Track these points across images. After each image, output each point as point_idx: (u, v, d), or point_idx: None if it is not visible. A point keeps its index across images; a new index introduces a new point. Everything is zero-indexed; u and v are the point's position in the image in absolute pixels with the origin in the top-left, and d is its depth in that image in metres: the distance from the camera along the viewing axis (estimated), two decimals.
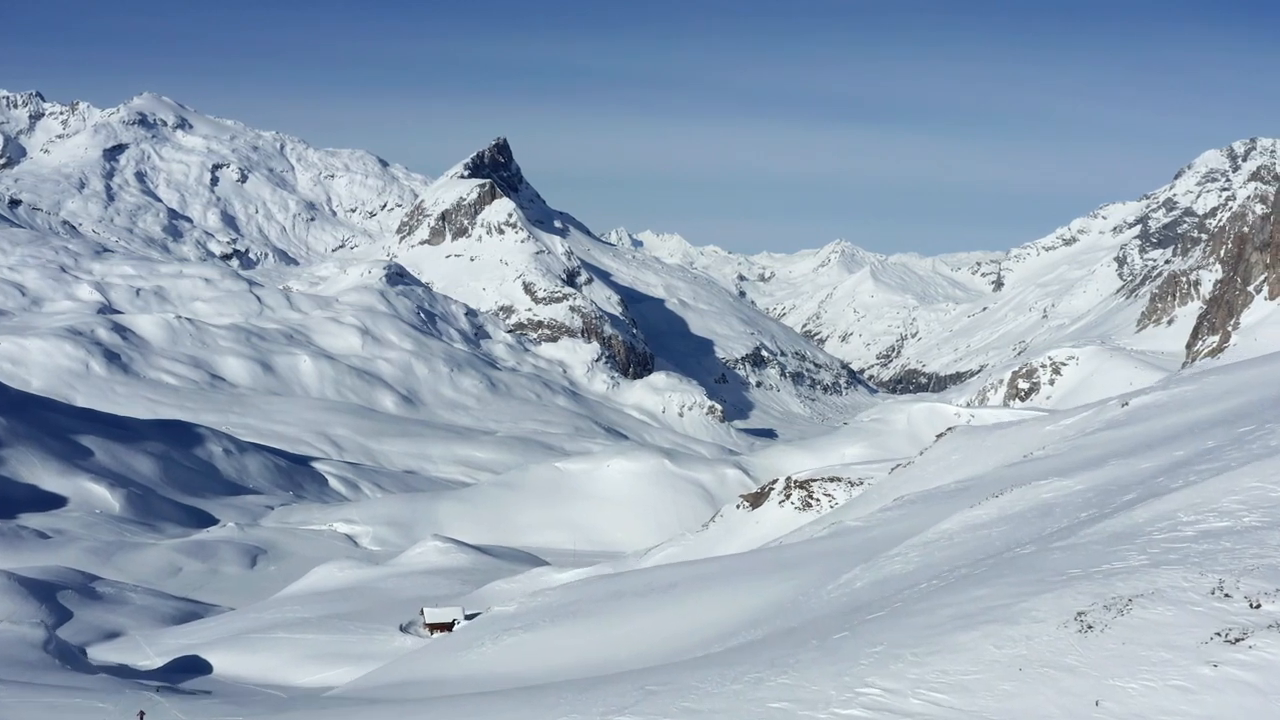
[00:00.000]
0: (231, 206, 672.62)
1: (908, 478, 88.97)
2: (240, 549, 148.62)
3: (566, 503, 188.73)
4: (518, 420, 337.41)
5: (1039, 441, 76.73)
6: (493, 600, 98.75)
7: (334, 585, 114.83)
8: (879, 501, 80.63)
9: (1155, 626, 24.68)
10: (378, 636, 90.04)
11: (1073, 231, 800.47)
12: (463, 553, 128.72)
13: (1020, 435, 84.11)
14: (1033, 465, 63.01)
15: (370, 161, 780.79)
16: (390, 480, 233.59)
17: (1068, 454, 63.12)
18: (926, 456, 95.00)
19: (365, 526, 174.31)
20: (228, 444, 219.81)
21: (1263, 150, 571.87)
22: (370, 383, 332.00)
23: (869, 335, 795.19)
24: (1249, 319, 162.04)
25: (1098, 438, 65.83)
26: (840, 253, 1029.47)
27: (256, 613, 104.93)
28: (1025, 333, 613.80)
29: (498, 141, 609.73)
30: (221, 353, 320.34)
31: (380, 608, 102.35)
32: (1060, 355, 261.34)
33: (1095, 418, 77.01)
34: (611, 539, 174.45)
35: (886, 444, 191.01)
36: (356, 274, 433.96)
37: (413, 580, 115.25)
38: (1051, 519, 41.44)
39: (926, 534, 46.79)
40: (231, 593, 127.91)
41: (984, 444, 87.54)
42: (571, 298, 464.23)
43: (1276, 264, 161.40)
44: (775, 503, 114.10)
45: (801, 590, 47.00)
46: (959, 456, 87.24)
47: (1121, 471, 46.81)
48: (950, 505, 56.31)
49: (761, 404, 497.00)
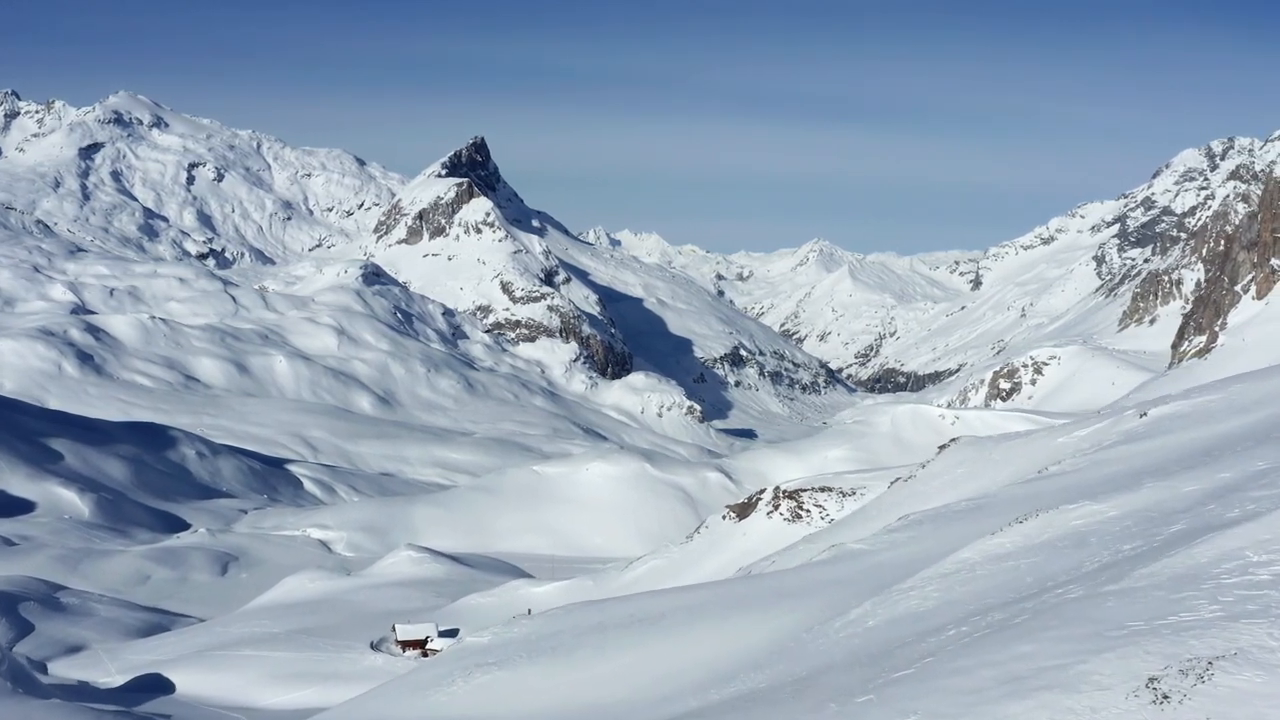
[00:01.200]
0: (207, 206, 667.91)
1: (909, 493, 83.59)
2: (211, 556, 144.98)
3: (545, 507, 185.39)
4: (495, 421, 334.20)
5: (1051, 455, 72.04)
6: (468, 615, 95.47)
7: (304, 597, 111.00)
8: (880, 519, 75.82)
9: (1244, 697, 20.92)
10: (347, 654, 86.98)
11: (1051, 231, 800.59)
12: (437, 563, 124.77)
13: (1030, 448, 79.18)
14: (1050, 483, 58.73)
15: (347, 160, 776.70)
16: (366, 483, 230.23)
17: (1087, 470, 58.83)
18: (929, 470, 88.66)
19: (339, 532, 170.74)
20: (201, 447, 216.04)
21: (1241, 149, 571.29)
22: (346, 384, 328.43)
23: (847, 334, 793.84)
24: (1236, 319, 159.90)
25: (1117, 452, 61.71)
26: (818, 252, 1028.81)
27: (223, 626, 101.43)
28: (1004, 332, 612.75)
29: (475, 140, 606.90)
30: (196, 353, 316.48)
31: (351, 622, 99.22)
32: (1042, 355, 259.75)
33: (1111, 429, 72.44)
34: (591, 545, 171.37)
35: (870, 446, 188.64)
36: (332, 274, 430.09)
37: (385, 592, 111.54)
38: (1088, 551, 37.70)
39: (943, 564, 42.78)
40: (201, 602, 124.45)
41: (991, 457, 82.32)
42: (549, 297, 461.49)
43: (1264, 263, 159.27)
44: (763, 513, 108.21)
45: (805, 625, 43.39)
46: (964, 470, 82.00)
47: (1161, 495, 42.75)
48: (964, 528, 52.59)
49: (740, 403, 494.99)
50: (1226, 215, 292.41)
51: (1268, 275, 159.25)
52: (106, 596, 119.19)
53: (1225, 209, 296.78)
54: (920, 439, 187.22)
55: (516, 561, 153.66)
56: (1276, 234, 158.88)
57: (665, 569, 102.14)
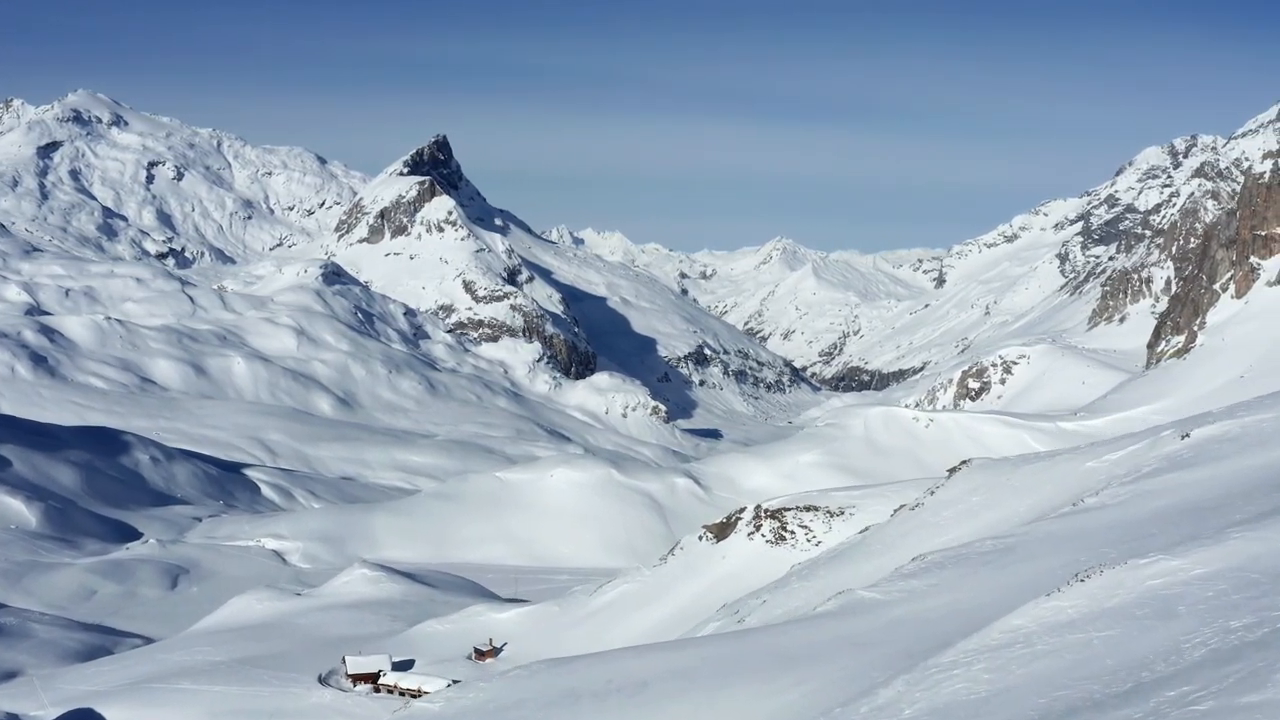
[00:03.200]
0: (167, 205, 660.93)
1: (918, 524, 74.65)
2: (160, 569, 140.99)
3: (508, 516, 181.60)
4: (458, 423, 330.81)
5: (1082, 482, 64.47)
6: (424, 644, 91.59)
7: (251, 619, 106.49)
8: (886, 554, 68.02)
9: None
10: (293, 689, 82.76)
11: (1014, 228, 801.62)
12: (393, 582, 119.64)
13: (1055, 473, 71.16)
14: (1090, 519, 51.38)
15: (308, 159, 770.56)
16: (325, 487, 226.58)
17: (1131, 504, 51.81)
18: (940, 497, 79.30)
19: (295, 542, 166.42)
20: (155, 452, 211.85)
21: (1204, 147, 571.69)
22: (306, 385, 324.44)
23: (811, 333, 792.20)
24: (1215, 318, 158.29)
25: (1162, 481, 54.88)
26: (781, 250, 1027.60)
27: (165, 653, 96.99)
28: (968, 329, 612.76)
29: (437, 139, 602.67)
30: (152, 355, 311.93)
31: (300, 649, 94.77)
32: (1011, 354, 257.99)
33: (1148, 452, 65.04)
34: (557, 555, 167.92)
35: (843, 451, 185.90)
36: (292, 273, 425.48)
37: (337, 615, 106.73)
38: (1180, 626, 30.29)
39: (989, 633, 34.69)
40: (149, 619, 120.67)
41: (1009, 482, 74.09)
42: (513, 296, 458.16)
43: (1243, 261, 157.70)
44: (743, 534, 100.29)
45: (820, 707, 36.72)
46: (981, 499, 73.38)
47: (1254, 548, 35.13)
48: (997, 577, 45.52)
49: (705, 403, 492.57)
50: (1196, 212, 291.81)
51: (1247, 274, 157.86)
52: (47, 616, 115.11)
53: (1194, 206, 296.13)
54: (894, 442, 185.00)
55: (480, 573, 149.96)
56: (1256, 231, 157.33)
57: (637, 594, 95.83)
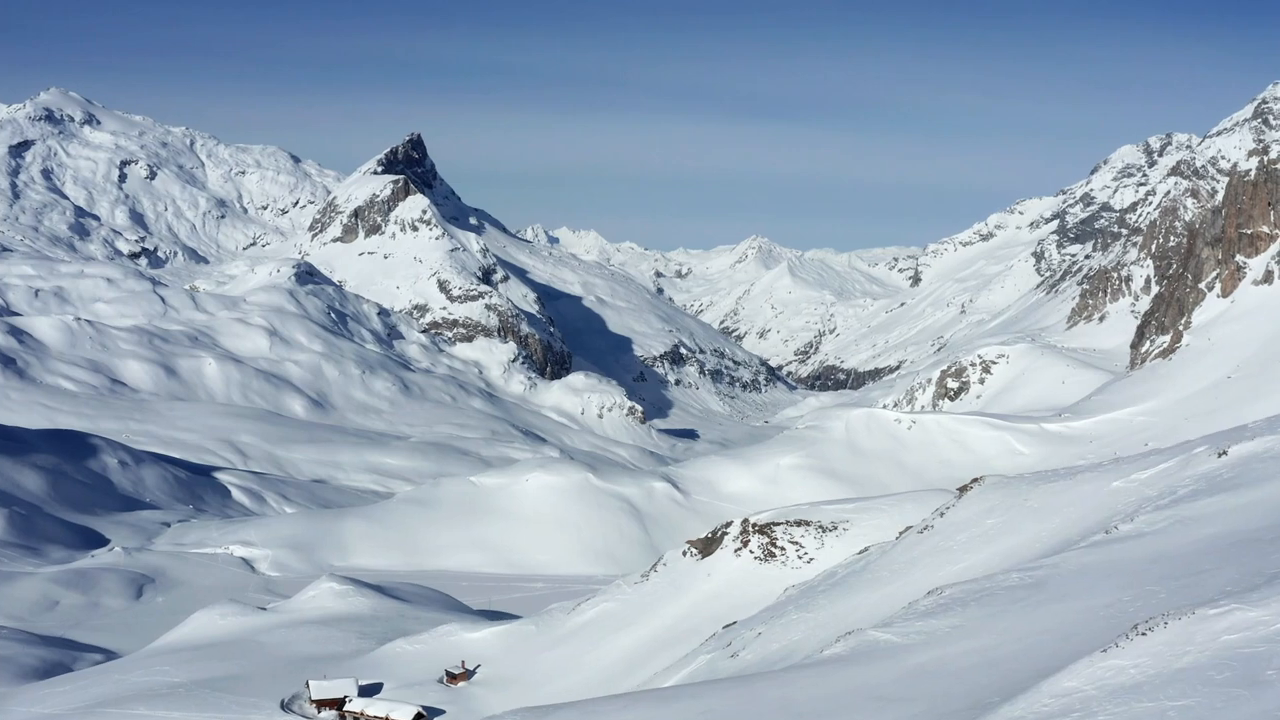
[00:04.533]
0: (140, 204, 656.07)
1: (929, 549, 67.53)
2: (125, 579, 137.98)
3: (483, 522, 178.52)
4: (432, 424, 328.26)
5: (1109, 505, 58.62)
6: (393, 665, 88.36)
7: (213, 637, 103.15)
8: (895, 583, 61.89)
9: None
10: (253, 716, 79.58)
11: (990, 227, 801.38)
12: (362, 596, 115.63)
13: (1077, 493, 64.69)
14: (1127, 549, 45.44)
15: (282, 158, 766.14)
16: (297, 491, 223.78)
17: (1172, 532, 46.15)
18: (951, 519, 72.23)
19: (264, 550, 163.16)
20: (124, 455, 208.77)
21: (1179, 145, 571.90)
22: (278, 386, 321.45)
23: (787, 331, 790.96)
24: (1201, 318, 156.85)
25: (1205, 506, 48.99)
26: (757, 249, 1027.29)
27: (122, 673, 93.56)
28: (944, 328, 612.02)
29: (411, 137, 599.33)
30: (122, 356, 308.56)
31: (262, 671, 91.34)
32: (990, 354, 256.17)
33: (1181, 471, 58.79)
34: (534, 562, 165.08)
35: (823, 453, 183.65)
36: (265, 273, 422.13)
37: (303, 632, 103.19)
38: (1272, 693, 26.42)
39: (1038, 697, 30.04)
40: (112, 630, 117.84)
41: (1027, 503, 67.21)
42: (487, 295, 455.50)
43: (1229, 260, 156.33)
44: (730, 550, 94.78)
45: None
46: (997, 521, 66.39)
47: None
48: (1032, 618, 39.59)
49: (681, 402, 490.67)
50: (1175, 211, 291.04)
51: (1233, 272, 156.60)
52: (6, 629, 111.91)
53: (1174, 205, 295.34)
54: (875, 445, 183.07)
55: (454, 581, 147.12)
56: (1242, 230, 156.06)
57: (617, 613, 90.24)
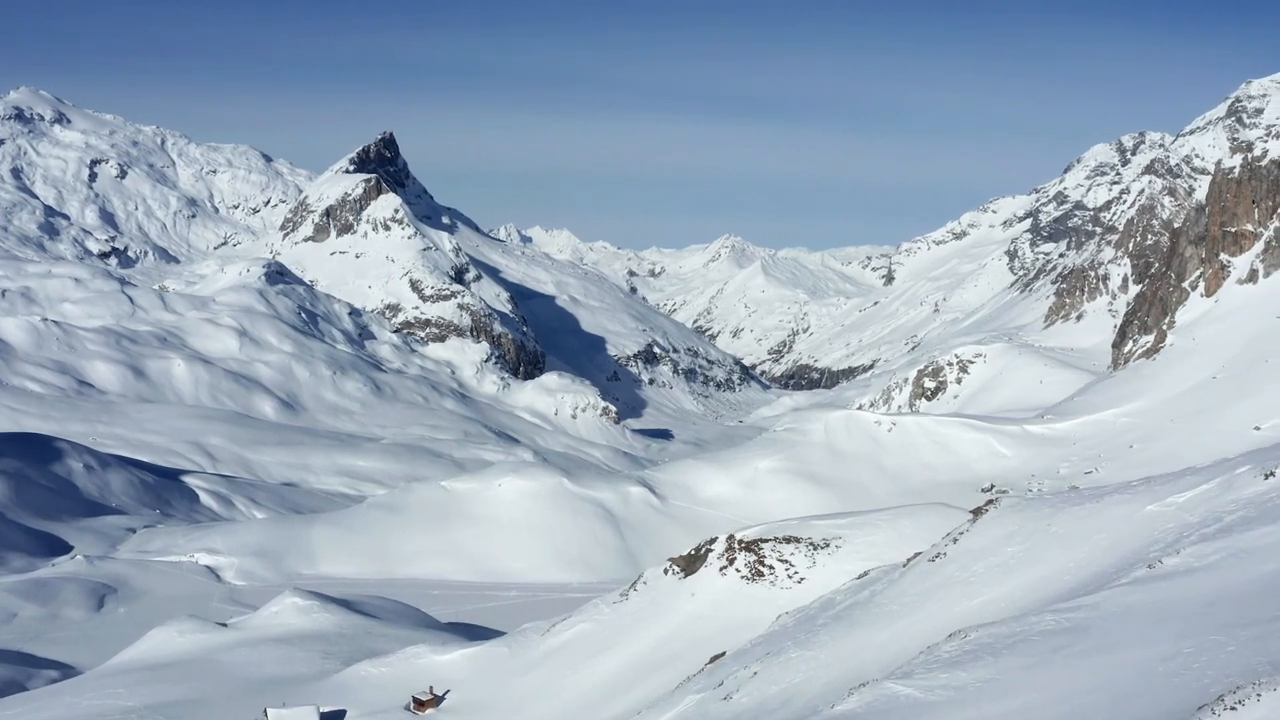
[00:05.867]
0: (110, 203, 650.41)
1: (943, 579, 60.03)
2: (86, 589, 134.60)
3: (455, 528, 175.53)
4: (404, 425, 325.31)
5: (1143, 530, 52.54)
6: (358, 690, 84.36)
7: (170, 656, 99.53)
8: (906, 619, 55.28)
9: None
10: None
11: (963, 225, 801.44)
12: (327, 611, 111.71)
13: (1106, 517, 57.67)
14: (1175, 586, 39.28)
15: (253, 157, 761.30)
16: (267, 494, 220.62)
17: (1226, 566, 40.14)
18: (966, 545, 64.03)
19: (230, 557, 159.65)
20: (89, 459, 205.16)
21: (1152, 144, 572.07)
22: (248, 387, 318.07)
23: (760, 330, 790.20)
24: (1185, 317, 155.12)
25: (1260, 537, 42.87)
26: (730, 248, 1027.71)
27: (74, 694, 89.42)
28: (917, 327, 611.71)
29: (383, 136, 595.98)
30: (90, 357, 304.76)
31: (220, 694, 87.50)
32: (967, 353, 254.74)
33: (1224, 495, 52.27)
34: (507, 570, 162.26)
35: (803, 457, 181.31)
36: (234, 273, 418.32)
37: (264, 651, 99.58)
38: None
39: None
40: (72, 643, 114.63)
41: (1051, 529, 59.66)
42: (460, 295, 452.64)
43: (1212, 258, 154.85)
44: (715, 569, 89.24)
45: None
46: (1019, 550, 59.13)
47: None
48: (1078, 673, 33.74)
49: (655, 402, 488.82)
50: (1153, 209, 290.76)
51: (1217, 271, 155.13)
52: None
53: (1151, 203, 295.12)
54: (855, 447, 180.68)
55: (425, 589, 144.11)
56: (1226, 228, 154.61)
57: (595, 635, 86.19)
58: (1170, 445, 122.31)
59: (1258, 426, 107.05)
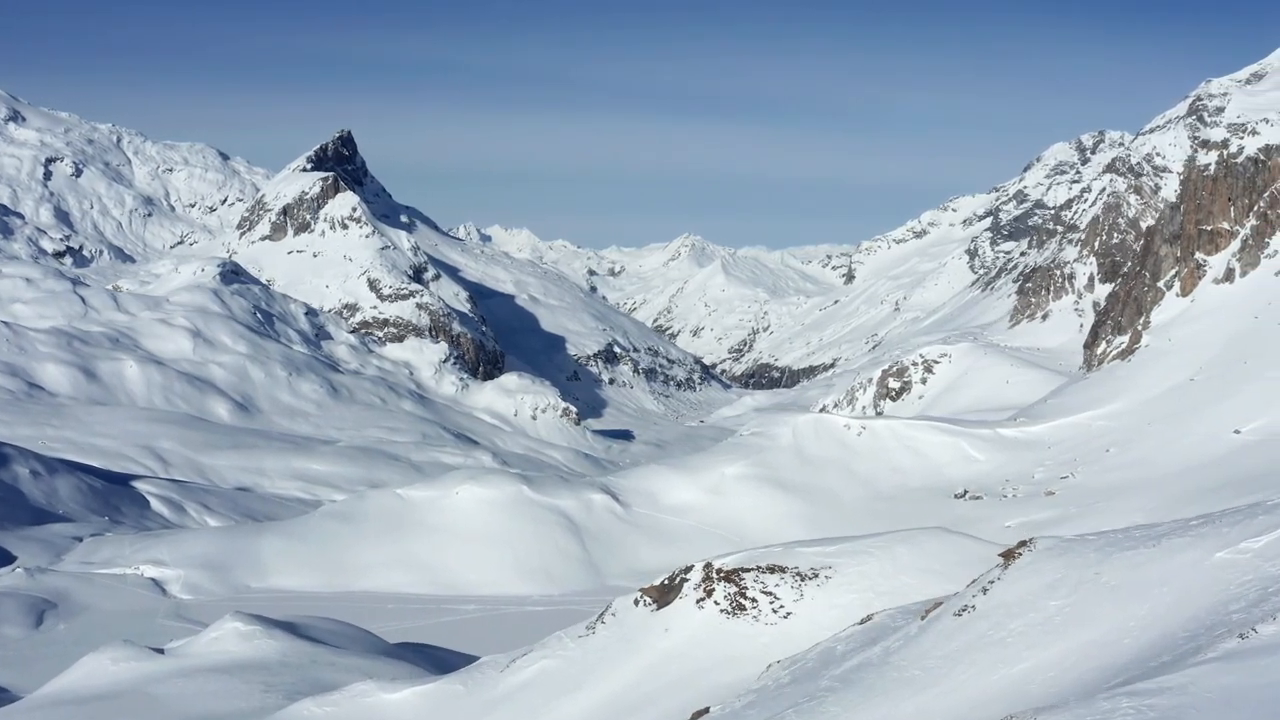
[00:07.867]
0: (65, 202, 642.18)
1: (975, 639, 42.42)
2: (25, 604, 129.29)
3: (411, 538, 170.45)
4: (361, 427, 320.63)
5: (1215, 584, 35.73)
6: None
7: (101, 688, 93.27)
8: (933, 690, 31.46)
9: None
10: None
11: (923, 224, 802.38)
12: (270, 638, 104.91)
13: (1167, 565, 40.24)
14: None
15: (210, 155, 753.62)
16: (220, 500, 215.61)
17: None
18: (999, 597, 45.81)
19: (176, 570, 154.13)
20: (35, 464, 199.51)
21: (1112, 143, 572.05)
22: (202, 389, 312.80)
23: (720, 329, 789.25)
24: (1160, 317, 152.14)
25: None
26: (690, 247, 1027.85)
27: None
28: (877, 326, 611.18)
29: (341, 134, 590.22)
30: (40, 359, 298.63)
31: None
32: (932, 353, 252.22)
33: None
34: (465, 582, 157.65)
35: (770, 462, 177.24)
36: (189, 272, 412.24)
37: (201, 683, 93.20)
38: None
39: None
40: (8, 665, 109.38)
41: (1101, 579, 43.17)
42: (419, 294, 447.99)
43: (1188, 257, 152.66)
44: (691, 601, 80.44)
45: None
46: (1064, 604, 41.95)
47: None
48: None
49: (615, 401, 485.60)
50: (1119, 208, 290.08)
51: (1193, 270, 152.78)
52: None
53: (1116, 201, 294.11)
54: (824, 452, 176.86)
55: (379, 602, 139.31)
56: (1201, 226, 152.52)
57: (559, 673, 78.75)
58: (1148, 450, 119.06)
59: (1238, 430, 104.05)
